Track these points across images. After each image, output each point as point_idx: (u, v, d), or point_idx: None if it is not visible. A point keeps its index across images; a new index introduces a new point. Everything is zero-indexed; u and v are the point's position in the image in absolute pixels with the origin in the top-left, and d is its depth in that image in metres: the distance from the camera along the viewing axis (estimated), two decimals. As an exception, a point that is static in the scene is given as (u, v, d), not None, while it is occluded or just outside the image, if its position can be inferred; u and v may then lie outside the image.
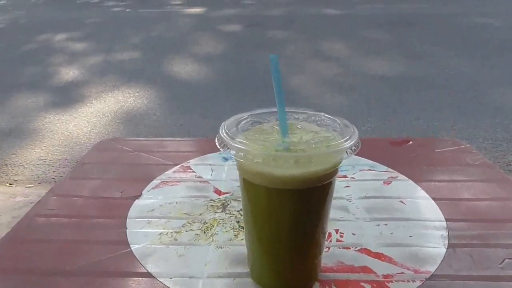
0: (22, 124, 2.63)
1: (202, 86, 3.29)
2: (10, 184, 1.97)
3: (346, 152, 0.42)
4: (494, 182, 0.73)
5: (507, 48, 4.03)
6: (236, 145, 0.42)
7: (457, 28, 4.90)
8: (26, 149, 2.31)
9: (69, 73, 3.67)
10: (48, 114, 2.78)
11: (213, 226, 0.61)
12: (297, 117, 0.49)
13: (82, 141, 2.38)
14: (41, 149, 2.30)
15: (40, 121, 2.68)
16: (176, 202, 0.67)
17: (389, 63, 3.69)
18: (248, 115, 0.48)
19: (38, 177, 2.03)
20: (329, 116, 0.48)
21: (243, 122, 0.47)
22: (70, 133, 2.50)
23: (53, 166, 2.11)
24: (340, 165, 0.45)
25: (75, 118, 2.71)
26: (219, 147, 0.44)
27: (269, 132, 0.46)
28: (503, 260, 0.53)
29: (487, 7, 6.07)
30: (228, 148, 0.43)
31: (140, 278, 0.51)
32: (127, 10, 7.10)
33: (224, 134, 0.44)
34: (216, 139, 0.44)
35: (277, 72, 0.43)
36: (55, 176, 2.03)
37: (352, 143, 0.42)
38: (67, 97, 3.11)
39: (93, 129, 2.54)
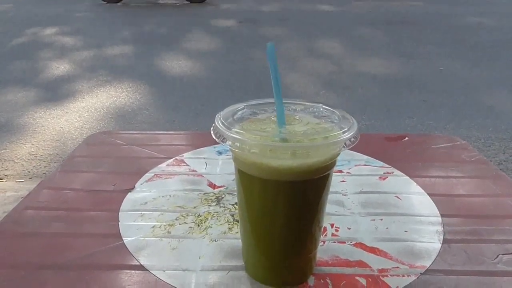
0: (12, 119, 2.60)
1: (195, 82, 3.27)
2: (0, 179, 1.94)
3: (345, 143, 0.41)
4: (489, 178, 0.73)
5: (498, 49, 4.06)
6: (232, 135, 0.41)
7: (450, 28, 4.93)
8: (17, 143, 2.28)
9: (60, 68, 3.63)
10: (39, 109, 2.74)
11: (207, 219, 0.60)
12: (294, 108, 0.48)
13: (74, 136, 2.36)
14: (32, 144, 2.27)
15: (30, 115, 2.64)
16: (170, 195, 0.66)
17: (383, 62, 3.71)
18: (244, 106, 0.48)
19: (29, 172, 2.00)
20: (327, 107, 0.47)
21: (239, 113, 0.46)
22: (62, 128, 2.47)
23: (44, 161, 2.09)
24: (338, 157, 0.44)
25: (67, 113, 2.68)
26: (214, 138, 0.43)
27: (266, 122, 0.45)
28: (497, 256, 0.53)
29: (480, 7, 6.11)
30: (224, 138, 0.42)
31: (133, 271, 0.50)
32: (119, 4, 7.04)
33: (220, 124, 0.43)
34: (211, 129, 0.43)
35: (273, 60, 0.42)
36: (47, 171, 2.00)
37: (350, 134, 0.42)
38: (58, 92, 3.07)
39: (85, 124, 2.52)
